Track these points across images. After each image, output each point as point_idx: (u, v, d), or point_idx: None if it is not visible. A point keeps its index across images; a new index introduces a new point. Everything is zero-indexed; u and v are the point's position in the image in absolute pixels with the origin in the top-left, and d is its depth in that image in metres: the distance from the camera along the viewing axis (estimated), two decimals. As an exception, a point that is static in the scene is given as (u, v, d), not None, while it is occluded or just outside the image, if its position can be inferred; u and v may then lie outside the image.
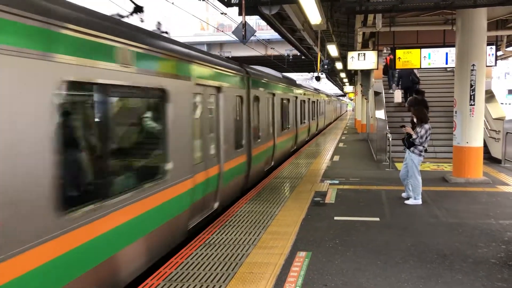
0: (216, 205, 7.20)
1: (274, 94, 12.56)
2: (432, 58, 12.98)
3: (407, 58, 13.09)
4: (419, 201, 7.78)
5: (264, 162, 11.01)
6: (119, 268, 4.32)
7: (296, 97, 17.15)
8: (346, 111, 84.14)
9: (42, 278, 3.30)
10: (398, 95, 16.63)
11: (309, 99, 21.43)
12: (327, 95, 34.67)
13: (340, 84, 52.84)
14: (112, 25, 4.36)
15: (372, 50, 15.86)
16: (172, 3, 13.01)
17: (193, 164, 6.07)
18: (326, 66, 18.61)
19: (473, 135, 9.67)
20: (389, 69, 16.90)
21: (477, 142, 9.73)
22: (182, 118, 5.65)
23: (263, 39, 29.95)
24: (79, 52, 3.69)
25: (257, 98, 10.28)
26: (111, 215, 4.07)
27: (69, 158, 3.67)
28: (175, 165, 5.35)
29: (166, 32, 7.36)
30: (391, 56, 14.47)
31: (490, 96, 14.08)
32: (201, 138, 6.56)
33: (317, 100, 24.81)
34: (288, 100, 15.21)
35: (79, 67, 3.67)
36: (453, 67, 11.58)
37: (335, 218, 6.88)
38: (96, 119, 4.23)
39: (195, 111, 6.30)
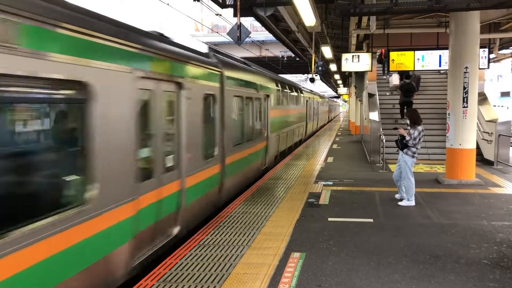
0: None
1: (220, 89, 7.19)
2: (426, 60, 13.08)
3: (400, 60, 13.18)
4: (412, 203, 7.82)
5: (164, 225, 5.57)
6: None
7: (268, 95, 12.05)
8: (339, 113, 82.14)
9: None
10: (396, 78, 16.72)
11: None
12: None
13: (334, 86, 52.97)
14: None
15: (366, 52, 15.95)
16: (167, 4, 13.01)
17: None
18: (320, 68, 18.66)
19: (466, 137, 9.74)
20: (383, 58, 17.15)
21: (470, 144, 9.80)
22: None
23: (257, 40, 30.02)
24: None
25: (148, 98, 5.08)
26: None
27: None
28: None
29: None
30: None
31: (483, 98, 14.19)
32: None
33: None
34: (250, 99, 10.15)
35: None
36: (447, 70, 11.66)
37: (329, 219, 6.90)
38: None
39: None
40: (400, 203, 7.91)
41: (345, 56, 15.14)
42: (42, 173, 3.71)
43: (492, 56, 16.64)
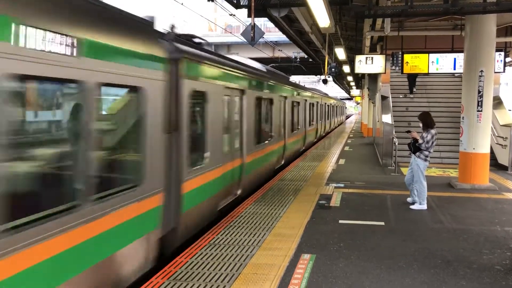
0: None
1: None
2: (440, 63, 12.97)
3: (415, 62, 13.09)
4: (424, 206, 7.77)
5: None
6: None
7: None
8: (347, 116, 71.79)
9: None
10: None
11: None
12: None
13: (347, 88, 52.80)
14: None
15: (380, 54, 15.86)
16: (182, 4, 13.08)
17: None
18: (333, 69, 18.62)
19: (480, 141, 9.63)
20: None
21: (484, 148, 9.70)
22: None
23: (270, 41, 30.01)
24: None
25: None
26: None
27: None
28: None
29: None
30: None
31: (498, 102, 14.03)
32: None
33: None
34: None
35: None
36: (461, 73, 11.56)
37: (340, 221, 6.88)
38: None
39: None
40: (412, 206, 7.85)
41: (358, 58, 15.08)
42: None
43: (508, 59, 16.43)
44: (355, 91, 46.88)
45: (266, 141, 10.82)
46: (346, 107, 60.06)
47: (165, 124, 5.20)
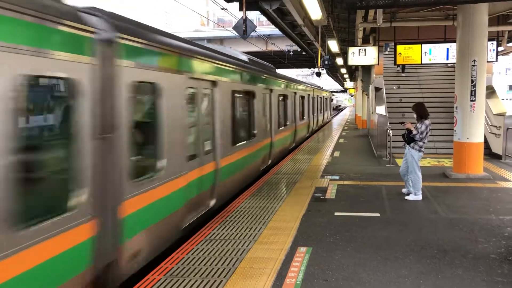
0: None
1: None
2: (433, 54, 12.97)
3: (408, 53, 13.08)
4: (420, 197, 7.79)
5: None
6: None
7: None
8: (340, 108, 68.41)
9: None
10: None
11: None
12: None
13: (341, 80, 52.79)
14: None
15: (372, 45, 15.84)
16: (173, -1, 12.99)
17: None
18: (326, 62, 18.59)
19: (473, 130, 9.66)
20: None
21: (478, 137, 9.73)
22: None
23: (263, 35, 29.95)
24: None
25: None
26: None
27: None
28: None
29: None
30: None
31: (491, 91, 14.07)
32: None
33: None
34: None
35: None
36: (454, 63, 11.57)
37: (336, 213, 6.89)
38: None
39: None
40: (407, 197, 7.88)
41: (351, 49, 15.05)
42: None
43: (500, 49, 16.47)
44: (349, 83, 46.82)
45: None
46: (332, 99, 44.72)
47: None
